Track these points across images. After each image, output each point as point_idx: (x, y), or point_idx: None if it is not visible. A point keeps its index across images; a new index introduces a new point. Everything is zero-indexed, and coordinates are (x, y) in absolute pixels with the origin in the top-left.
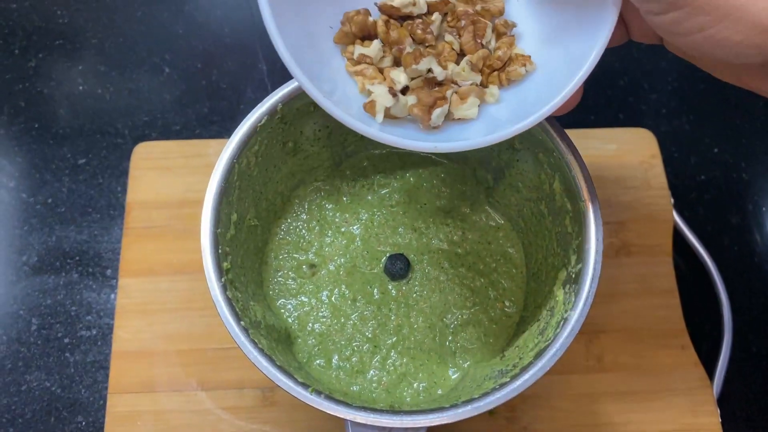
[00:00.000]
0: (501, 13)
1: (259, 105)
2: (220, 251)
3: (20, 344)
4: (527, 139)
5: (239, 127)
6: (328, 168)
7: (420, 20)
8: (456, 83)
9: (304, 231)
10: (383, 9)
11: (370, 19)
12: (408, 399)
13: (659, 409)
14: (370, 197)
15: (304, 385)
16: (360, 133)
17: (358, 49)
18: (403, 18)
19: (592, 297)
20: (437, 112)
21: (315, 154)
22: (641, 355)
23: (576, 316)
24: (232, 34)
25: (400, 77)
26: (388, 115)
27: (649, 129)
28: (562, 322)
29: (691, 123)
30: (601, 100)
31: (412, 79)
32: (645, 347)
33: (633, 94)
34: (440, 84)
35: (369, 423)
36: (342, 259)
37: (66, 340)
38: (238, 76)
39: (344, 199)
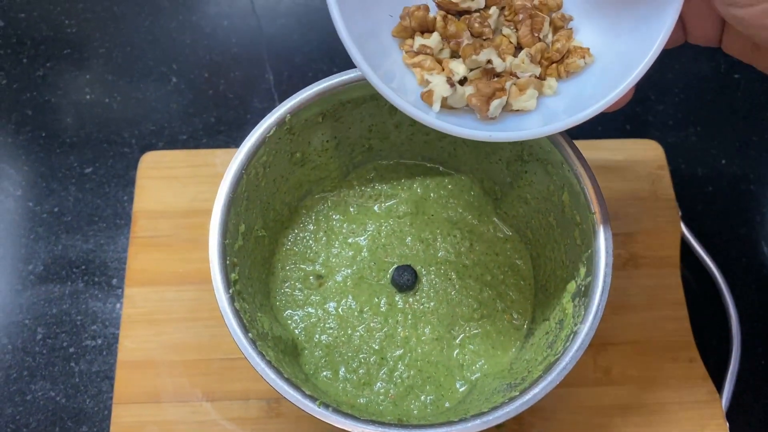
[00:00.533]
0: (559, 7)
1: (267, 116)
2: (228, 262)
3: (25, 353)
4: (536, 151)
5: (248, 137)
6: (336, 179)
7: (477, 14)
8: (515, 75)
9: (311, 242)
10: (441, 5)
11: (430, 15)
12: (415, 411)
13: (667, 422)
14: (377, 208)
15: (312, 398)
16: (418, 121)
17: (418, 40)
18: (461, 13)
19: (602, 310)
20: (495, 103)
21: (322, 165)
22: (649, 367)
23: (586, 329)
24: (239, 44)
25: (458, 68)
26: (446, 105)
27: (656, 140)
28: (571, 336)
29: (698, 134)
30: (608, 112)
31: (471, 70)
32: (653, 360)
33: (640, 105)
34: (498, 76)
35: None
36: (349, 270)
37: (71, 350)
38: (244, 86)
39: (351, 209)
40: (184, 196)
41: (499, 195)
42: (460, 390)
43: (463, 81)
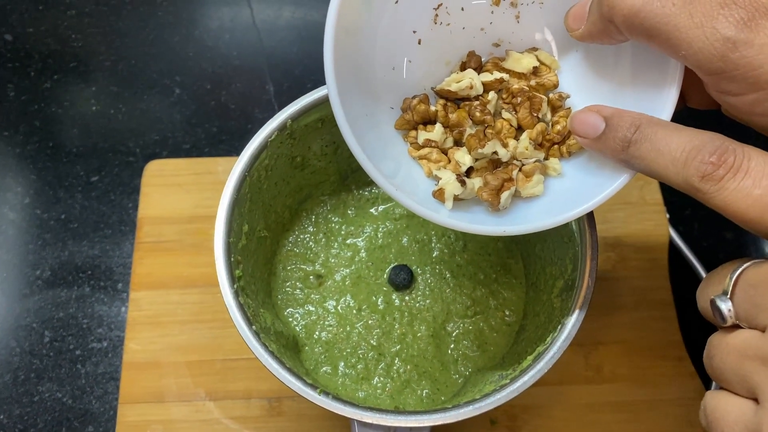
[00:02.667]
0: (555, 86)
1: (269, 121)
2: (232, 259)
3: (33, 356)
4: None
5: (251, 141)
6: (335, 182)
7: (477, 102)
8: (519, 161)
9: (311, 243)
10: (440, 93)
11: (431, 107)
12: (412, 405)
13: (657, 419)
14: (374, 210)
15: (313, 387)
16: (430, 221)
17: (423, 135)
18: (460, 99)
19: (588, 303)
20: (505, 195)
21: (322, 169)
22: (639, 366)
23: (572, 321)
24: (241, 56)
25: (464, 159)
26: (455, 198)
27: None
28: (559, 327)
29: None
30: None
31: (477, 160)
32: (642, 358)
33: None
34: (504, 163)
35: (375, 422)
36: (347, 270)
37: (78, 352)
38: (246, 97)
39: (350, 212)
40: (187, 202)
41: None
42: (455, 384)
43: (469, 170)
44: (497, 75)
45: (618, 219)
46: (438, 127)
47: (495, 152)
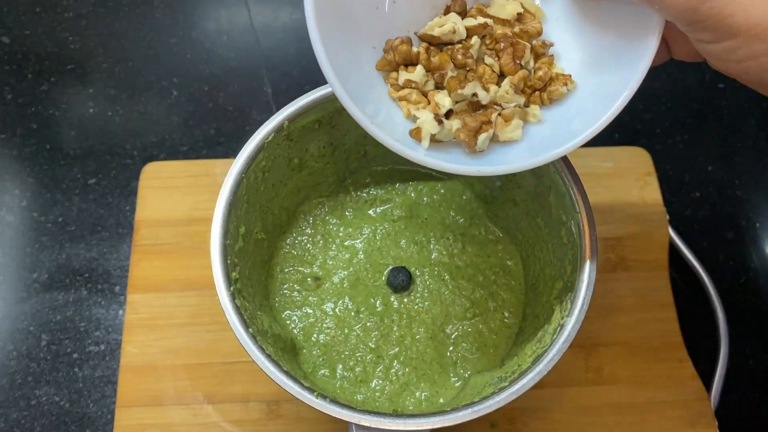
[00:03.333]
0: (539, 34)
1: (266, 122)
2: (228, 261)
3: (30, 359)
4: None
5: (247, 143)
6: (332, 184)
7: (460, 45)
8: (499, 105)
9: (308, 245)
10: (424, 37)
11: (413, 48)
12: (411, 408)
13: (658, 421)
14: (372, 212)
15: (310, 390)
16: (407, 158)
17: (403, 75)
18: (443, 44)
19: (587, 304)
20: (483, 137)
21: (319, 171)
22: (639, 367)
23: (572, 322)
24: (238, 58)
25: (444, 101)
26: (433, 140)
27: (644, 148)
28: (558, 329)
29: (685, 142)
30: None
31: (456, 102)
32: (643, 360)
33: (628, 113)
34: (484, 107)
35: (373, 425)
36: (345, 272)
37: (75, 356)
38: (243, 99)
39: (347, 214)
40: (185, 205)
41: (489, 198)
42: (454, 386)
43: (449, 113)
44: (481, 20)
45: (618, 220)
46: (419, 68)
47: (475, 94)
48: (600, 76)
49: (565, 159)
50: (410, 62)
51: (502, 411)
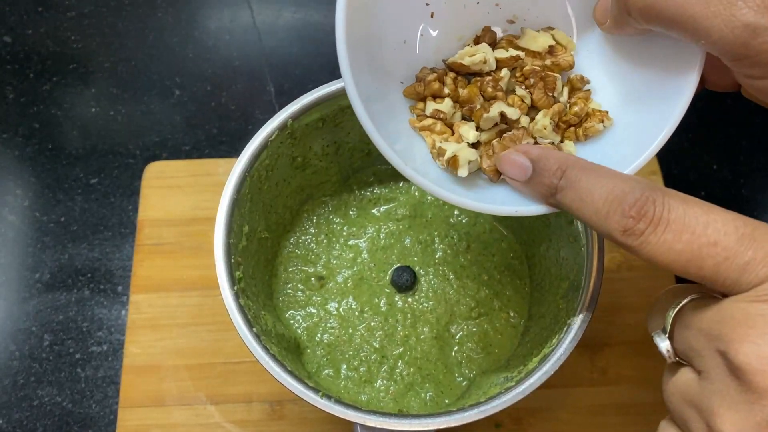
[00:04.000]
0: (571, 67)
1: (270, 121)
2: (232, 260)
3: (32, 360)
4: None
5: (251, 141)
6: (336, 183)
7: (489, 77)
8: (533, 137)
9: (312, 244)
10: (452, 66)
11: (445, 90)
12: (416, 408)
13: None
14: (376, 211)
15: (315, 390)
16: (436, 196)
17: (431, 105)
18: (472, 74)
19: (595, 304)
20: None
21: (323, 169)
22: (645, 367)
23: (578, 322)
24: (241, 57)
25: (469, 133)
26: (451, 171)
27: None
28: (565, 328)
29: (690, 141)
30: None
31: (483, 131)
32: (648, 360)
33: None
34: (510, 129)
35: (378, 426)
36: (349, 272)
37: (77, 356)
38: (246, 98)
39: (351, 213)
40: (188, 204)
41: None
42: (459, 386)
43: (475, 146)
44: (512, 52)
45: None
46: (447, 100)
47: (503, 115)
48: (637, 112)
49: None
50: (438, 95)
51: (507, 411)
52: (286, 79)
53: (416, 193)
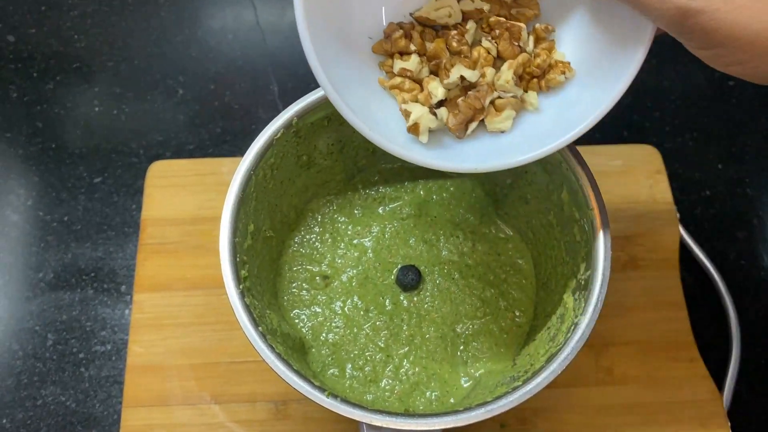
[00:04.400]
0: (536, 16)
1: (275, 119)
2: (237, 259)
3: (36, 359)
4: None
5: (256, 139)
6: (341, 182)
7: (455, 30)
8: (495, 90)
9: (317, 243)
10: (419, 20)
11: (411, 46)
12: (421, 407)
13: (669, 421)
14: (381, 210)
15: (321, 389)
16: (400, 157)
17: (398, 63)
18: (438, 27)
19: (602, 302)
20: (473, 126)
21: (328, 168)
22: (650, 367)
23: (586, 321)
24: (244, 56)
25: (437, 91)
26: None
27: (653, 146)
28: (572, 328)
29: (695, 140)
30: (606, 118)
31: (449, 90)
32: (654, 360)
33: (637, 112)
34: (476, 89)
35: (384, 425)
36: (354, 271)
37: (81, 356)
38: (250, 97)
39: (356, 212)
40: (191, 204)
41: (500, 196)
42: (465, 386)
43: (443, 102)
44: (478, 4)
45: (628, 218)
46: (414, 57)
47: (462, 78)
48: (597, 65)
49: (578, 155)
50: (406, 52)
51: (513, 411)
52: (290, 78)
53: (421, 192)
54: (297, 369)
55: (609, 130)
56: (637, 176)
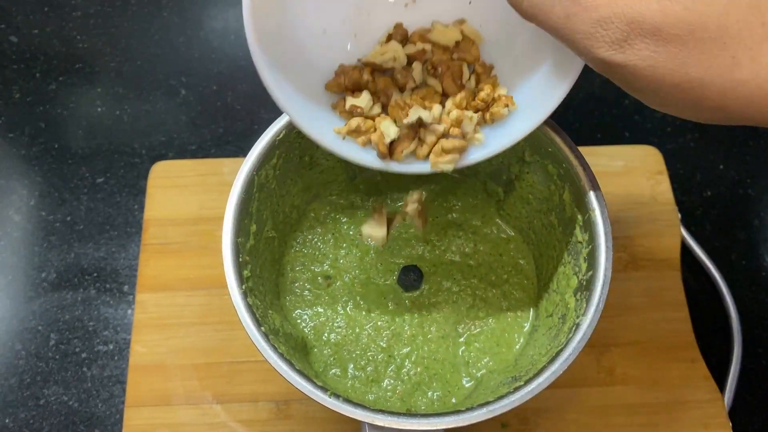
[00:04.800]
0: (476, 60)
1: (278, 119)
2: (240, 259)
3: (38, 359)
4: (537, 152)
5: (259, 139)
6: (343, 182)
7: (403, 70)
8: (445, 127)
9: (319, 243)
10: (368, 64)
11: (364, 76)
12: (423, 407)
13: (670, 422)
14: (384, 211)
15: (323, 389)
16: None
17: (350, 100)
18: (387, 70)
19: (603, 302)
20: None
21: (330, 169)
22: (652, 368)
23: (588, 321)
24: (246, 57)
25: (389, 130)
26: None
27: (654, 146)
28: (574, 328)
29: (696, 140)
30: (607, 119)
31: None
32: (655, 360)
33: (638, 112)
34: (427, 128)
35: (387, 425)
36: (356, 271)
37: (83, 355)
38: (252, 98)
39: (358, 212)
40: (194, 204)
41: (501, 196)
42: (466, 386)
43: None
44: (420, 46)
45: (629, 219)
46: (365, 94)
47: (419, 118)
48: (532, 97)
49: (579, 156)
50: (358, 88)
51: (514, 411)
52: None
53: (423, 193)
54: (299, 369)
55: (610, 131)
56: (639, 177)
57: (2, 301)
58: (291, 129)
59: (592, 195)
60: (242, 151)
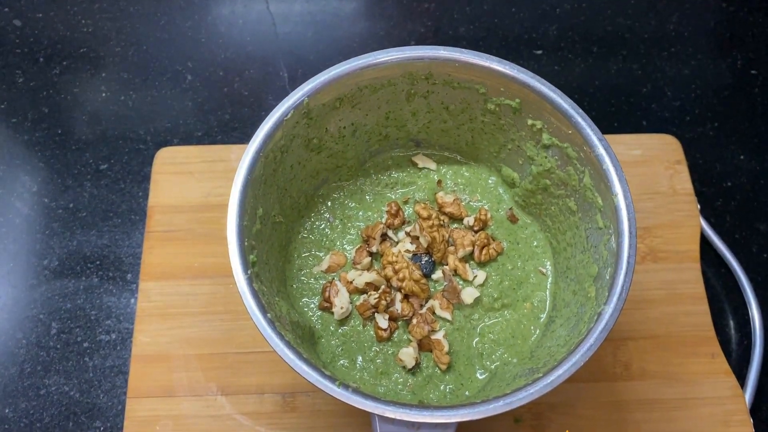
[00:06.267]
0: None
1: (285, 99)
2: (246, 244)
3: (40, 348)
4: (556, 134)
5: (266, 120)
6: (352, 167)
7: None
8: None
9: (327, 230)
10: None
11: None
12: (435, 400)
13: (689, 418)
14: (392, 195)
15: (331, 379)
16: None
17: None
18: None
19: (627, 290)
20: None
21: (339, 153)
22: (670, 362)
23: (611, 310)
24: (254, 43)
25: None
26: None
27: (673, 135)
28: (595, 317)
29: (716, 130)
30: (624, 107)
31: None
32: (674, 355)
33: (656, 101)
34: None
35: (398, 417)
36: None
37: (85, 345)
38: (259, 84)
39: (367, 197)
40: (199, 191)
41: (517, 182)
42: (480, 378)
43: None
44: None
45: (647, 209)
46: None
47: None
48: None
49: (602, 139)
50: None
51: (528, 406)
52: (300, 64)
53: (435, 177)
54: (306, 358)
55: (627, 120)
56: (657, 166)
57: (4, 289)
58: (299, 109)
59: (615, 179)
60: (249, 138)
